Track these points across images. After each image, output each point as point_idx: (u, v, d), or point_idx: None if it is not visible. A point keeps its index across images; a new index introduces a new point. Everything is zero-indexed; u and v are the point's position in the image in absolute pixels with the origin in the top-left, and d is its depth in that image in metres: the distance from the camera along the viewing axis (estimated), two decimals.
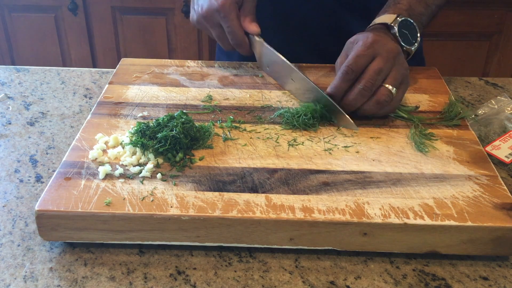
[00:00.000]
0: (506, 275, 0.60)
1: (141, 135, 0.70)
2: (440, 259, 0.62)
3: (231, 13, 0.83)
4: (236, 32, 0.84)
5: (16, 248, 0.63)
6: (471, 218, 0.60)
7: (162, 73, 0.91)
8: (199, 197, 0.63)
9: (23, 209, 0.68)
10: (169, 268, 0.61)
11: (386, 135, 0.76)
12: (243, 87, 0.88)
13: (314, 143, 0.73)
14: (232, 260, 0.62)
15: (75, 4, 2.02)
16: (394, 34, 0.81)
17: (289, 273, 0.60)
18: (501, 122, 0.84)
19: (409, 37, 0.82)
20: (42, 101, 0.92)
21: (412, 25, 0.83)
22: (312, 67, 0.95)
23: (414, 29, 0.83)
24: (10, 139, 0.82)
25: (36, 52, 2.15)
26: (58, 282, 0.59)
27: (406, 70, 0.78)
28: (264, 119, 0.79)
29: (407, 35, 0.82)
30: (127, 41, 2.12)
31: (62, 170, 0.66)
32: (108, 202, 0.61)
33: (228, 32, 0.85)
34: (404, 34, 0.82)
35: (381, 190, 0.64)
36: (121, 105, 0.81)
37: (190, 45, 2.11)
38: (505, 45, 2.10)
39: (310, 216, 0.60)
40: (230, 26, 0.83)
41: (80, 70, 1.03)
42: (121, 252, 0.62)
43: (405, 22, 0.82)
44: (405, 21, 0.82)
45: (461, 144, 0.74)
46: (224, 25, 0.84)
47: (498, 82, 1.01)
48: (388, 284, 0.59)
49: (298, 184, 0.65)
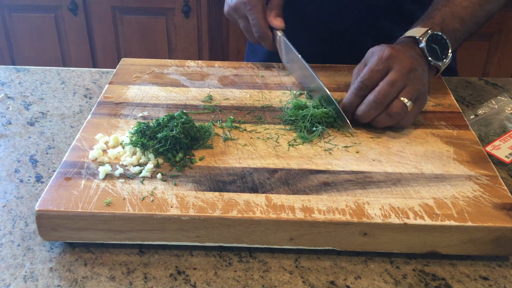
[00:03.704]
0: (506, 275, 0.60)
1: (141, 135, 0.70)
2: (440, 259, 0.62)
3: (257, 6, 0.86)
4: (260, 25, 0.87)
5: (16, 248, 0.63)
6: (471, 218, 0.60)
7: (162, 73, 0.91)
8: (199, 197, 0.63)
9: (23, 209, 0.68)
10: (169, 268, 0.61)
11: (386, 135, 0.76)
12: (243, 87, 0.88)
13: (314, 143, 0.73)
14: (232, 260, 0.62)
15: (75, 4, 2.02)
16: (421, 48, 0.78)
17: (289, 273, 0.60)
18: (501, 122, 0.84)
19: (438, 52, 0.79)
20: (42, 101, 0.92)
21: (443, 40, 0.79)
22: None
23: (446, 44, 0.80)
24: (10, 139, 0.82)
25: (36, 52, 2.15)
26: (58, 282, 0.59)
27: (423, 86, 0.75)
28: (264, 119, 0.79)
29: (436, 50, 0.79)
30: (127, 41, 2.12)
31: (62, 170, 0.66)
32: (108, 202, 0.61)
33: (253, 25, 0.87)
34: (433, 49, 0.79)
35: (381, 190, 0.64)
36: (121, 105, 0.81)
37: (190, 45, 2.11)
38: (505, 45, 2.10)
39: (310, 216, 0.60)
40: (255, 19, 0.86)
41: (80, 70, 1.03)
42: (121, 252, 0.62)
43: (435, 36, 0.79)
44: (435, 36, 0.79)
45: (461, 144, 0.74)
46: (250, 18, 0.87)
47: (498, 82, 1.01)
48: (388, 284, 0.59)
49: (298, 184, 0.65)
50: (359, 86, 0.75)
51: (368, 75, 0.74)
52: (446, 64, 0.80)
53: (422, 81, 0.75)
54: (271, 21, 0.87)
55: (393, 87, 0.72)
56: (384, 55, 0.74)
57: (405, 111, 0.73)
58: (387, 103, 0.73)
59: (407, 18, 0.91)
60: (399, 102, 0.73)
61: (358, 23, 1.00)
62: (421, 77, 0.75)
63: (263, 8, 0.87)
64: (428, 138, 0.75)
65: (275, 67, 0.94)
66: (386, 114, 0.74)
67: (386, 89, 0.72)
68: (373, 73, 0.74)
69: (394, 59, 0.74)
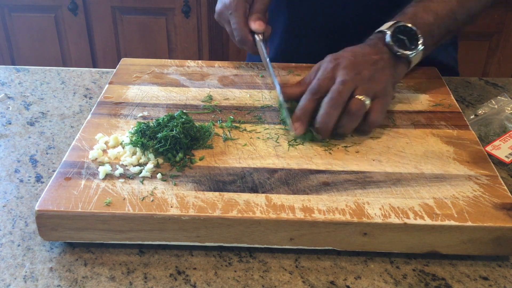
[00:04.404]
0: (506, 275, 0.60)
1: (141, 135, 0.70)
2: (440, 259, 0.62)
3: (238, 11, 0.86)
4: (240, 28, 0.86)
5: (16, 248, 0.63)
6: (471, 218, 0.60)
7: (162, 73, 0.91)
8: (199, 197, 0.63)
9: (23, 209, 0.68)
10: (169, 268, 0.61)
11: (386, 135, 0.76)
12: (243, 87, 0.88)
13: (314, 143, 0.73)
14: (232, 260, 0.62)
15: (75, 4, 2.02)
16: (387, 42, 0.78)
17: (289, 273, 0.60)
18: (501, 122, 0.84)
19: (406, 43, 0.78)
20: (42, 101, 0.92)
21: (412, 31, 0.79)
22: None
23: (415, 35, 0.79)
24: (10, 139, 0.82)
25: (36, 52, 2.15)
26: (58, 282, 0.59)
27: (379, 83, 0.74)
28: (264, 119, 0.79)
29: (404, 41, 0.78)
30: (127, 41, 2.12)
31: (62, 170, 0.66)
32: (108, 202, 0.61)
33: (234, 29, 0.87)
34: (400, 40, 0.78)
35: (381, 190, 0.64)
36: (121, 105, 0.81)
37: (190, 45, 2.11)
38: (505, 45, 2.10)
39: (310, 216, 0.60)
40: (235, 23, 0.86)
41: (80, 70, 1.03)
42: (121, 252, 0.62)
43: (402, 28, 0.79)
44: (403, 27, 0.79)
45: (461, 144, 0.74)
46: (231, 22, 0.87)
47: (498, 82, 1.01)
48: (388, 284, 0.59)
49: (298, 184, 0.65)
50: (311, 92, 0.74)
51: (317, 84, 0.74)
52: (415, 55, 0.79)
53: (377, 77, 0.74)
54: (250, 24, 0.87)
55: (345, 86, 0.72)
56: (328, 63, 0.75)
57: (364, 107, 0.72)
58: (343, 102, 0.72)
59: None
60: (356, 99, 0.72)
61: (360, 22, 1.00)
62: (376, 73, 0.74)
63: (244, 12, 0.87)
64: (428, 138, 0.75)
65: (275, 67, 0.94)
66: (346, 115, 0.72)
67: (339, 87, 0.72)
68: (320, 81, 0.74)
69: (337, 62, 0.75)
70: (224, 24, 0.90)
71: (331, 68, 0.75)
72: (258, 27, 0.86)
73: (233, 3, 0.86)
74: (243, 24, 0.86)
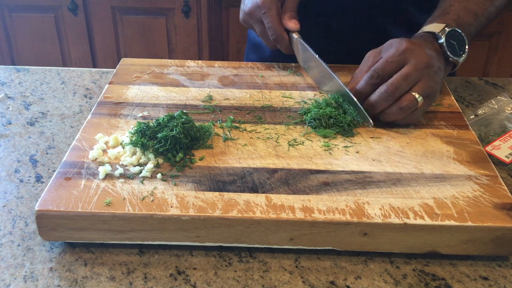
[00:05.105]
0: (506, 275, 0.60)
1: (141, 135, 0.70)
2: (440, 259, 0.62)
3: (271, 9, 0.85)
4: (275, 27, 0.86)
5: (16, 248, 0.63)
6: (471, 218, 0.60)
7: (162, 73, 0.91)
8: (199, 197, 0.63)
9: (23, 209, 0.68)
10: (169, 268, 0.61)
11: (386, 135, 0.76)
12: (243, 87, 0.88)
13: (314, 143, 0.73)
14: (232, 260, 0.62)
15: (75, 4, 2.02)
16: (441, 44, 0.78)
17: (289, 273, 0.60)
18: (501, 122, 0.84)
19: (456, 48, 0.79)
20: (42, 101, 0.92)
21: (461, 36, 0.80)
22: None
23: (463, 40, 0.80)
24: (10, 139, 0.82)
25: (36, 52, 2.15)
26: (58, 282, 0.59)
27: (435, 84, 0.75)
28: (264, 119, 0.79)
29: (454, 46, 0.79)
30: (127, 41, 2.12)
31: (62, 170, 0.66)
32: (108, 202, 0.61)
33: (268, 28, 0.87)
34: (451, 45, 0.79)
35: (381, 190, 0.64)
36: (121, 105, 0.81)
37: (190, 45, 2.11)
38: (505, 45, 2.10)
39: (310, 216, 0.60)
40: (270, 22, 0.86)
41: (80, 70, 1.03)
42: (121, 252, 0.62)
43: (453, 32, 0.79)
44: (453, 32, 0.79)
45: (461, 144, 0.74)
46: (265, 21, 0.86)
47: (498, 82, 1.01)
48: (388, 284, 0.59)
49: (298, 184, 0.65)
50: (371, 75, 0.75)
51: (382, 65, 0.75)
52: (463, 60, 0.80)
53: (435, 79, 0.75)
54: (285, 23, 0.87)
55: (406, 81, 0.73)
56: (402, 47, 0.75)
57: (415, 105, 0.73)
58: (398, 96, 0.73)
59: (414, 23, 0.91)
60: (411, 96, 0.73)
61: (362, 23, 1.00)
62: (435, 74, 0.75)
63: (277, 11, 0.86)
64: (428, 138, 0.75)
65: (275, 67, 0.94)
66: (396, 107, 0.74)
67: (399, 81, 0.73)
68: (387, 63, 0.74)
69: (411, 53, 0.74)
70: (254, 24, 0.89)
71: (402, 51, 0.74)
72: (294, 26, 0.87)
73: (266, 2, 0.85)
74: (277, 23, 0.86)
